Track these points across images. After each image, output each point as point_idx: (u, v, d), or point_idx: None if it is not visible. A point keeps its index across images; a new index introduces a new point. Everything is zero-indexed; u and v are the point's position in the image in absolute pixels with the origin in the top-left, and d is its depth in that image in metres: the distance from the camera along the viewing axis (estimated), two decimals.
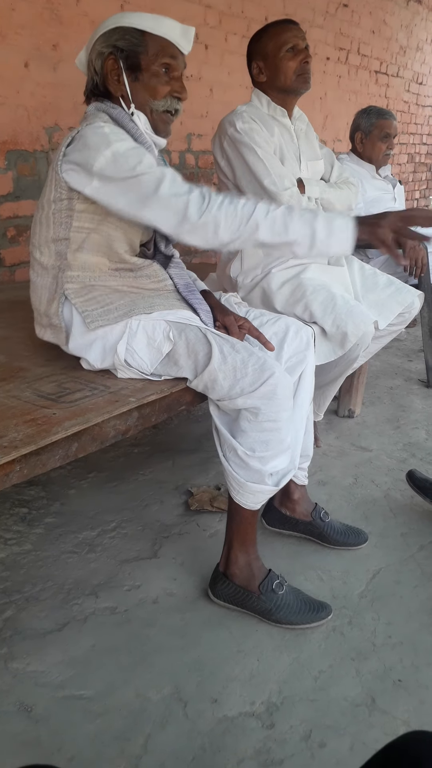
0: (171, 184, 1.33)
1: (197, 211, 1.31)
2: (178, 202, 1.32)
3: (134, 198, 1.35)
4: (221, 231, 1.32)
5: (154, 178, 1.33)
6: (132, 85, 1.45)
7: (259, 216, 1.33)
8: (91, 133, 1.37)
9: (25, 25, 2.42)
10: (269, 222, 1.33)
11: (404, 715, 1.30)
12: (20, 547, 1.79)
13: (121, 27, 1.42)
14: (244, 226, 1.32)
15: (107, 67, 1.44)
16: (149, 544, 1.82)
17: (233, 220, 1.32)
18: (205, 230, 1.33)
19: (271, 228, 1.33)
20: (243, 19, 3.62)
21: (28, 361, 1.54)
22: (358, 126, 3.13)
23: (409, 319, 2.25)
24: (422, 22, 6.02)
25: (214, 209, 1.31)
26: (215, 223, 1.32)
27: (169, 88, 1.46)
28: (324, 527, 1.81)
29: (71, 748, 1.21)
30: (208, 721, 1.28)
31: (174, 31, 1.44)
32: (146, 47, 1.42)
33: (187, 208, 1.31)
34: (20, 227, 2.55)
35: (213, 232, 1.33)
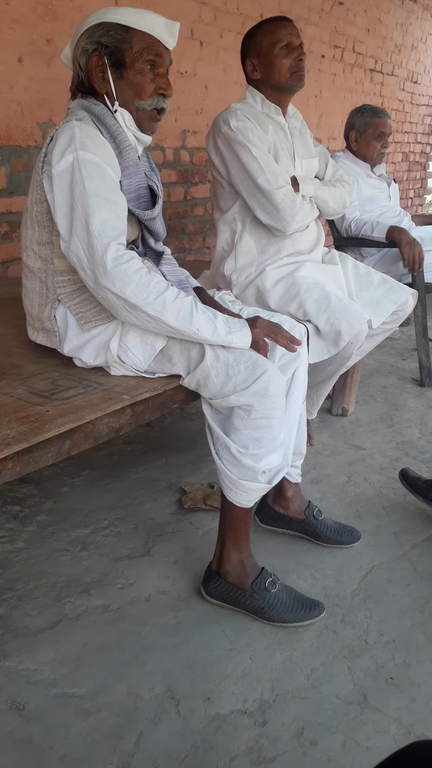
0: (102, 221, 1.29)
1: (113, 260, 1.28)
2: (99, 244, 1.28)
3: (67, 222, 1.32)
4: (129, 291, 1.29)
5: (87, 205, 1.29)
6: (117, 82, 1.43)
7: (168, 297, 1.31)
8: (62, 133, 1.35)
9: (18, 20, 2.41)
10: (177, 306, 1.32)
11: (396, 712, 1.30)
12: (12, 544, 1.78)
13: (105, 23, 1.40)
14: (152, 299, 1.30)
15: (92, 63, 1.42)
16: (142, 542, 1.82)
17: (144, 288, 1.29)
18: (113, 282, 1.28)
19: (177, 312, 1.32)
20: (238, 16, 3.62)
21: (20, 358, 1.54)
22: (353, 124, 3.12)
23: (403, 317, 2.25)
24: (417, 20, 6.02)
25: (131, 270, 1.29)
26: (125, 280, 1.28)
27: (154, 86, 1.44)
28: (317, 525, 1.82)
29: (63, 746, 1.21)
30: (200, 719, 1.28)
31: (158, 26, 1.41)
32: (131, 43, 1.40)
33: (105, 253, 1.28)
34: (13, 223, 2.54)
35: (121, 288, 1.28)
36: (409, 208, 6.76)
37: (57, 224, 1.35)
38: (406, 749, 0.69)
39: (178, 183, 3.50)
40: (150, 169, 1.58)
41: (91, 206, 1.30)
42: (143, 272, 1.30)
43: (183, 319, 1.33)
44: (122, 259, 1.29)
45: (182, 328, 1.34)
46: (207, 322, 1.35)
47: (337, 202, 2.18)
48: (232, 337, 1.38)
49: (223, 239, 2.15)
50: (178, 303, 1.33)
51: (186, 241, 3.67)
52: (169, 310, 1.32)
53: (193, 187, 3.62)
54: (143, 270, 1.31)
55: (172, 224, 3.51)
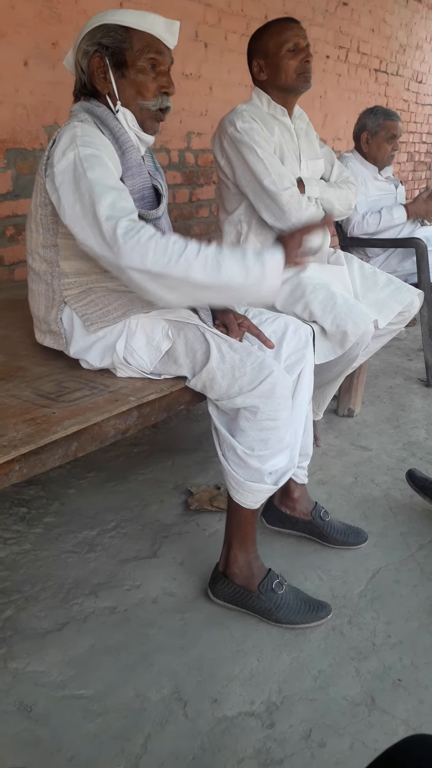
0: (109, 206, 1.27)
1: (124, 235, 1.24)
2: (107, 225, 1.25)
3: (76, 214, 1.30)
4: (149, 261, 1.23)
5: (94, 193, 1.28)
6: (119, 83, 1.43)
7: (190, 253, 1.25)
8: (64, 133, 1.36)
9: (24, 24, 2.41)
10: (201, 260, 1.25)
11: (404, 714, 1.30)
12: (20, 546, 1.79)
13: (105, 24, 1.41)
14: (174, 262, 1.24)
15: (93, 65, 1.43)
16: (149, 544, 1.82)
17: (162, 254, 1.24)
18: (131, 256, 1.24)
19: (204, 266, 1.25)
20: (243, 18, 3.62)
21: (27, 360, 1.54)
22: (365, 126, 3.11)
23: (409, 318, 2.25)
24: (422, 20, 6.01)
25: (144, 238, 1.24)
26: (142, 251, 1.23)
27: (156, 84, 1.44)
28: (324, 526, 1.81)
29: (71, 747, 1.21)
30: (207, 721, 1.28)
31: (158, 25, 1.42)
32: (131, 43, 1.41)
33: (115, 229, 1.24)
34: (19, 226, 2.55)
35: (140, 260, 1.24)
36: None
37: (65, 220, 1.34)
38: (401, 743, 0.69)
39: (183, 185, 3.50)
40: (154, 169, 1.58)
41: (96, 194, 1.28)
42: (158, 237, 1.26)
43: (212, 271, 1.26)
44: (133, 231, 1.25)
45: (214, 282, 1.27)
46: (237, 268, 1.27)
47: (343, 203, 2.18)
48: (266, 272, 1.29)
49: (228, 240, 2.15)
50: (202, 257, 1.26)
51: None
52: (195, 267, 1.25)
53: (198, 188, 3.62)
54: (157, 235, 1.26)
55: (177, 226, 3.51)
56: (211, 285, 1.27)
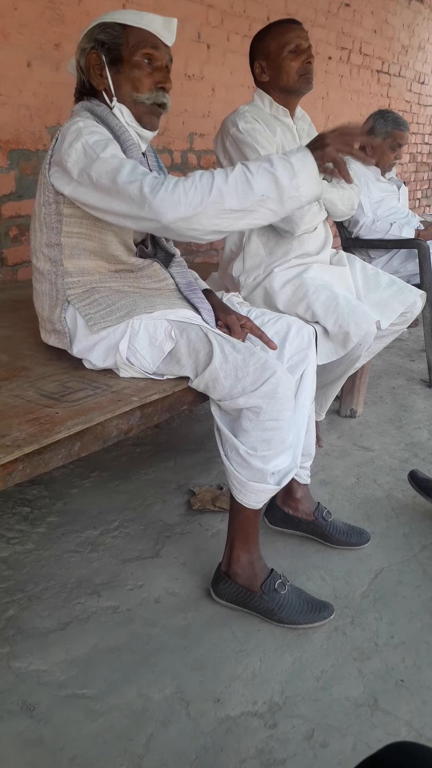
0: (129, 172, 1.28)
1: (151, 192, 1.25)
2: (132, 187, 1.26)
3: (99, 194, 1.32)
4: (182, 207, 1.25)
5: (111, 168, 1.29)
6: (114, 78, 1.43)
7: (219, 183, 1.26)
8: (67, 130, 1.37)
9: (27, 25, 2.42)
10: (231, 186, 1.26)
11: (406, 715, 1.30)
12: (23, 546, 1.79)
13: (102, 22, 1.43)
14: (207, 197, 1.25)
15: (90, 61, 1.43)
16: (151, 544, 1.82)
17: (194, 194, 1.25)
18: (165, 209, 1.25)
19: (236, 191, 1.26)
20: (245, 19, 3.62)
21: (30, 361, 1.54)
22: (373, 129, 3.10)
23: (411, 318, 2.25)
24: (424, 21, 6.01)
25: (171, 186, 1.25)
26: (174, 200, 1.25)
27: (152, 80, 1.44)
28: (326, 527, 1.81)
29: (74, 747, 1.21)
30: (210, 721, 1.28)
31: (155, 22, 1.43)
32: (127, 39, 1.41)
33: (141, 189, 1.26)
34: (22, 227, 2.55)
35: (174, 209, 1.25)
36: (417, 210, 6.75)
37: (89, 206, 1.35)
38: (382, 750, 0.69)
39: None
40: (157, 167, 1.58)
41: (114, 167, 1.29)
42: (182, 180, 1.27)
43: (244, 193, 1.26)
44: (158, 185, 1.26)
45: (251, 202, 1.27)
46: (268, 182, 1.26)
47: (345, 203, 2.18)
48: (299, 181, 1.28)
49: (231, 241, 2.16)
50: (231, 181, 1.26)
51: (194, 243, 3.68)
52: (227, 194, 1.26)
53: None
54: (182, 179, 1.27)
55: None
56: (249, 206, 1.28)
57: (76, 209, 1.41)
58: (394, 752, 0.68)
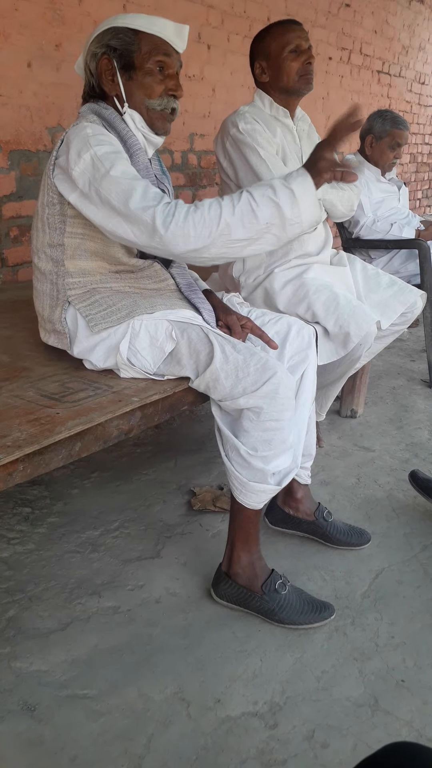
0: (141, 197, 1.29)
1: (163, 224, 1.27)
2: (145, 216, 1.28)
3: (107, 212, 1.33)
4: (192, 240, 1.28)
5: (122, 190, 1.30)
6: (126, 85, 1.44)
7: (227, 215, 1.28)
8: (74, 135, 1.37)
9: (27, 25, 2.42)
10: (238, 217, 1.28)
11: (407, 715, 1.30)
12: (23, 546, 1.79)
13: (114, 27, 1.42)
14: (216, 229, 1.28)
15: (101, 67, 1.44)
16: (152, 544, 1.82)
17: (203, 227, 1.28)
18: (175, 243, 1.29)
19: (242, 222, 1.29)
20: (245, 19, 3.62)
21: (31, 361, 1.55)
22: (371, 128, 3.09)
23: (412, 319, 2.25)
24: (424, 21, 6.01)
25: (181, 220, 1.27)
26: (184, 233, 1.28)
27: (164, 86, 1.45)
28: (327, 527, 1.81)
29: (74, 747, 1.21)
30: (210, 721, 1.28)
31: (167, 29, 1.43)
32: (140, 45, 1.41)
33: (153, 220, 1.28)
34: (23, 227, 2.56)
35: (183, 243, 1.29)
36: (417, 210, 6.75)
37: (95, 220, 1.36)
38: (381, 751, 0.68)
39: (186, 186, 3.51)
40: (161, 173, 1.59)
41: (126, 189, 1.30)
42: (192, 211, 1.29)
43: (250, 223, 1.29)
44: (170, 216, 1.27)
45: (256, 231, 1.30)
46: (271, 210, 1.29)
47: (345, 204, 2.17)
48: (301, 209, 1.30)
49: None
50: (238, 212, 1.29)
51: None
52: (234, 226, 1.28)
53: (201, 190, 3.63)
54: (191, 209, 1.29)
55: None
56: (255, 234, 1.31)
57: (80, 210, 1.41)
58: (394, 752, 0.68)
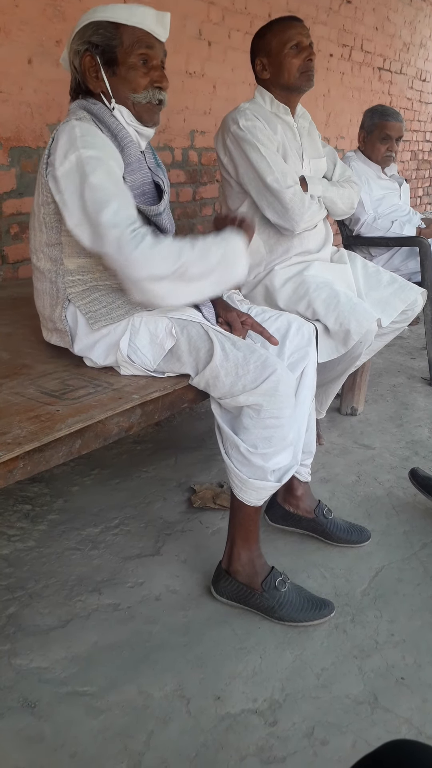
0: (113, 213, 1.28)
1: (128, 244, 1.25)
2: (112, 232, 1.26)
3: (80, 217, 1.31)
4: (155, 266, 1.26)
5: (97, 199, 1.28)
6: (111, 80, 1.42)
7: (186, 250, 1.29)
8: (62, 134, 1.35)
9: (28, 21, 2.42)
10: (197, 253, 1.30)
11: (407, 713, 1.30)
12: (23, 543, 1.79)
13: (94, 22, 1.40)
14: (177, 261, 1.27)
15: (85, 64, 1.42)
16: (152, 542, 1.82)
17: (166, 258, 1.27)
18: (137, 267, 1.26)
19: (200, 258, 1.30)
20: (246, 16, 3.61)
21: (31, 358, 1.54)
22: (362, 124, 3.11)
23: (412, 316, 2.25)
24: (426, 18, 5.99)
25: (147, 246, 1.26)
26: (148, 259, 1.26)
27: (148, 79, 1.43)
28: (327, 524, 1.81)
29: (74, 744, 1.22)
30: (210, 718, 1.28)
31: (148, 18, 1.40)
32: (121, 39, 1.39)
33: (120, 238, 1.26)
34: (23, 224, 2.55)
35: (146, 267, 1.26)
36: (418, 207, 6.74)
37: (68, 223, 1.34)
38: (380, 749, 0.68)
39: (186, 183, 3.50)
40: (156, 165, 1.57)
41: (100, 201, 1.29)
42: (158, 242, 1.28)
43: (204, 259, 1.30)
44: (135, 241, 1.26)
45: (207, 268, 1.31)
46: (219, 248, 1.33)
47: (345, 202, 2.18)
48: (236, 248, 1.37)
49: None
50: (197, 248, 1.30)
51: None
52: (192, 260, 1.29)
53: (201, 187, 3.62)
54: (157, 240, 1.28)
55: (181, 224, 3.51)
56: (206, 272, 1.31)
57: None
58: (393, 750, 0.68)
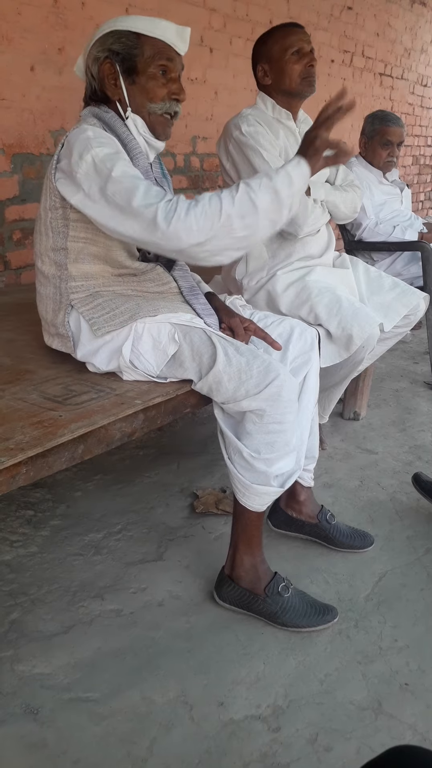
0: (144, 195, 1.30)
1: (165, 219, 1.28)
2: (147, 212, 1.29)
3: (111, 212, 1.33)
4: (195, 234, 1.28)
5: (125, 189, 1.30)
6: (129, 89, 1.44)
7: (227, 206, 1.29)
8: (75, 138, 1.37)
9: (30, 29, 2.43)
10: (237, 207, 1.29)
11: (411, 719, 1.29)
12: (26, 549, 1.79)
13: (116, 30, 1.42)
14: (218, 221, 1.28)
15: (104, 71, 1.43)
16: (155, 547, 1.82)
17: (205, 220, 1.28)
18: (178, 237, 1.28)
19: (241, 212, 1.29)
20: (247, 22, 3.63)
21: (34, 364, 1.55)
22: (363, 130, 3.12)
23: (415, 321, 2.24)
24: (427, 24, 6.02)
25: (183, 214, 1.28)
26: (187, 228, 1.28)
27: (166, 90, 1.45)
28: (330, 529, 1.81)
29: (77, 750, 1.21)
30: (213, 725, 1.27)
31: (169, 31, 1.43)
32: (142, 49, 1.41)
33: (155, 216, 1.28)
34: (26, 230, 2.56)
35: (186, 236, 1.28)
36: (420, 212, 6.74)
37: (98, 220, 1.36)
38: (384, 755, 0.68)
39: (188, 189, 3.51)
40: (162, 176, 1.59)
41: (128, 189, 1.30)
42: (193, 205, 1.29)
43: (249, 214, 1.30)
44: (171, 212, 1.28)
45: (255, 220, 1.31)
46: (269, 195, 1.30)
47: (348, 206, 2.18)
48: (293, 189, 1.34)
49: None
50: (237, 204, 1.29)
51: None
52: (235, 217, 1.29)
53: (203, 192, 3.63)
54: (192, 204, 1.29)
55: None
56: (254, 222, 1.31)
57: (82, 214, 1.41)
58: (396, 756, 0.67)
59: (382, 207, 3.12)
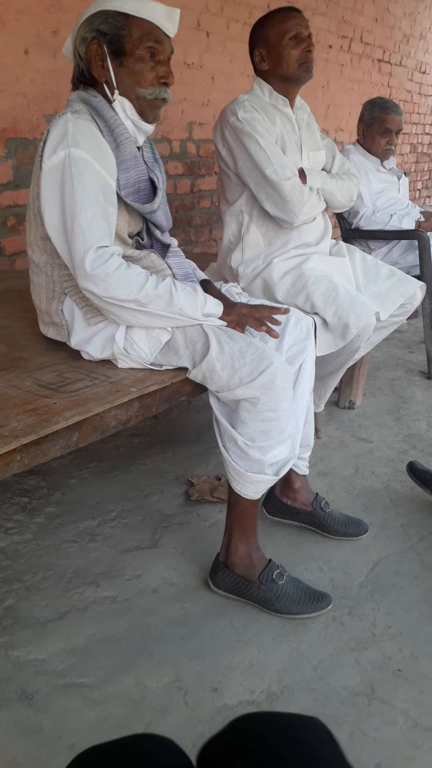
0: (87, 224, 1.30)
1: (91, 263, 1.29)
2: (80, 245, 1.29)
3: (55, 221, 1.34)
4: (112, 291, 1.30)
5: (75, 210, 1.30)
6: (117, 71, 1.41)
7: (149, 288, 1.32)
8: (55, 127, 1.35)
9: (25, 12, 2.40)
10: (159, 293, 1.33)
11: (403, 704, 1.31)
12: (21, 536, 1.79)
13: (104, 11, 1.39)
14: (135, 293, 1.31)
15: (91, 52, 1.40)
16: (150, 534, 1.82)
17: (125, 286, 1.30)
18: (96, 284, 1.30)
19: (159, 299, 1.34)
20: (245, 6, 3.59)
21: (28, 351, 1.54)
22: (362, 117, 3.10)
23: (411, 310, 2.24)
24: (426, 10, 5.96)
25: (111, 269, 1.29)
26: (106, 280, 1.29)
27: (155, 74, 1.42)
28: (324, 517, 1.82)
29: (72, 735, 1.22)
30: (208, 710, 1.28)
31: (158, 13, 1.40)
32: (130, 31, 1.38)
33: (85, 255, 1.29)
34: (20, 216, 2.54)
35: (104, 288, 1.30)
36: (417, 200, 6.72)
37: (44, 218, 1.35)
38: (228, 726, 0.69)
39: (184, 175, 3.49)
40: (153, 160, 1.56)
41: (78, 205, 1.30)
42: (122, 269, 1.31)
43: (165, 304, 1.35)
44: (101, 260, 1.29)
45: (167, 313, 1.36)
46: (188, 300, 1.37)
47: (344, 194, 2.17)
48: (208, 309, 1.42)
49: (229, 231, 2.15)
50: (160, 290, 1.34)
51: (193, 233, 3.66)
52: (152, 299, 1.33)
53: (199, 179, 3.61)
54: (122, 266, 1.31)
55: (179, 216, 3.50)
56: (162, 314, 1.36)
57: None
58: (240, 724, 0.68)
59: (379, 195, 3.11)
